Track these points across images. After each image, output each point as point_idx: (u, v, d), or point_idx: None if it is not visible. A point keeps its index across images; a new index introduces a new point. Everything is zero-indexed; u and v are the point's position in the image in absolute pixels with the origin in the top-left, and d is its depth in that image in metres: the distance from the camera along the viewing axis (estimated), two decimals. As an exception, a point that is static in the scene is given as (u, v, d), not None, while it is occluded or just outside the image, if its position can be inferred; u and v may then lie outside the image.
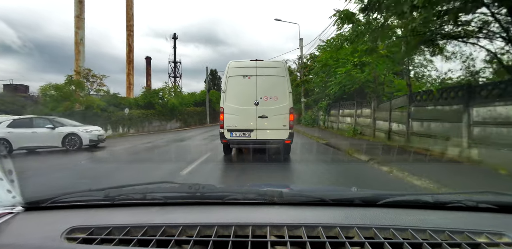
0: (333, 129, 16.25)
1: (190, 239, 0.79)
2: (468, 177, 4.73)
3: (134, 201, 1.06)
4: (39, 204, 1.04)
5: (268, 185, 1.43)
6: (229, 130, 6.24)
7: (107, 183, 4.42)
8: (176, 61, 46.29)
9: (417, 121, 8.03)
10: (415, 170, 4.82)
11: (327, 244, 0.76)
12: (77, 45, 21.15)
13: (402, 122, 8.76)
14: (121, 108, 18.02)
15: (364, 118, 12.06)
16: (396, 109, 9.27)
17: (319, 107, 18.81)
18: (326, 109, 17.56)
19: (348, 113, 14.08)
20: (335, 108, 16.06)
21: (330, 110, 17.11)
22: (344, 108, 14.68)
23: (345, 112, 14.47)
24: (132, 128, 18.66)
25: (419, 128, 7.90)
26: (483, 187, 3.21)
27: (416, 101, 8.16)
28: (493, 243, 0.78)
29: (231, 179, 4.97)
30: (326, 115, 17.98)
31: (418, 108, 8.02)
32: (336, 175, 5.06)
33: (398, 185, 4.36)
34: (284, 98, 6.13)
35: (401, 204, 1.05)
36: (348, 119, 14.05)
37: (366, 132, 11.65)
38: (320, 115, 19.48)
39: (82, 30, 21.38)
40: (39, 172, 5.71)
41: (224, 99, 6.24)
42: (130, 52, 28.26)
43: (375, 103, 10.92)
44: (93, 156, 8.55)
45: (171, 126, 22.05)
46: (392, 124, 9.47)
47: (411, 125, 8.23)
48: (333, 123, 16.65)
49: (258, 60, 6.24)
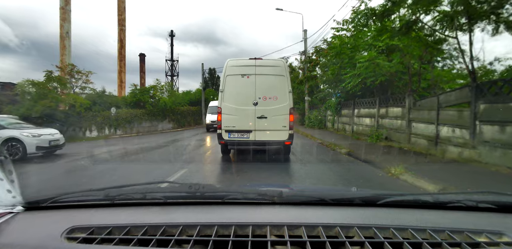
0: (345, 131, 13.65)
1: (190, 238, 0.79)
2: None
3: (134, 201, 1.06)
4: (39, 204, 1.04)
5: (268, 185, 1.55)
6: (227, 131, 5.98)
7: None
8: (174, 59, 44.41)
9: (490, 124, 5.44)
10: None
11: (327, 243, 0.76)
12: (62, 39, 19.31)
13: (461, 126, 6.17)
14: (108, 108, 16.18)
15: (392, 120, 9.43)
16: (448, 108, 6.69)
17: (327, 106, 16.06)
18: (336, 108, 14.84)
19: (366, 113, 11.49)
20: (348, 107, 13.53)
21: (341, 110, 14.51)
22: (360, 107, 12.04)
23: (363, 112, 11.83)
24: (120, 129, 16.65)
25: (495, 134, 5.32)
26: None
27: (488, 95, 5.58)
28: (493, 242, 0.78)
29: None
30: (335, 115, 15.25)
31: (492, 105, 5.45)
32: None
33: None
34: (284, 98, 5.88)
35: (401, 204, 1.05)
36: (366, 120, 11.44)
37: (395, 138, 9.08)
38: (328, 116, 16.80)
39: (68, 23, 19.53)
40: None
41: (222, 98, 5.96)
42: (122, 48, 26.15)
43: (410, 99, 8.32)
44: (26, 171, 6.01)
45: (163, 126, 19.74)
46: (441, 127, 6.87)
47: (480, 130, 5.64)
48: (345, 124, 13.97)
49: (257, 58, 6.00)
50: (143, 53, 36.74)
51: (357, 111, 12.39)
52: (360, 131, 11.91)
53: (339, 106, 14.61)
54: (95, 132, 15.15)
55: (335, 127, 15.53)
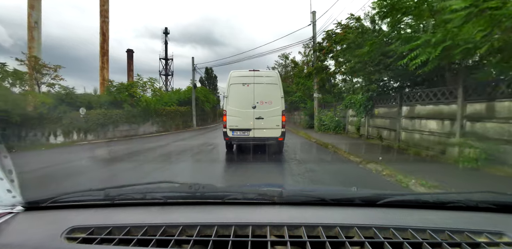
0: (382, 139, 9.15)
1: (190, 238, 0.79)
2: None
3: (134, 201, 1.06)
4: (39, 204, 1.04)
5: (268, 185, 1.50)
6: (231, 129, 6.99)
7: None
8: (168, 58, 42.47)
9: None
10: None
11: (327, 243, 0.76)
12: (30, 29, 17.10)
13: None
14: (78, 108, 13.80)
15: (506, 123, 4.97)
16: None
17: (348, 104, 11.98)
18: (365, 106, 10.47)
19: (431, 112, 6.98)
20: (387, 104, 9.15)
21: (373, 108, 10.18)
22: (416, 103, 7.51)
23: (422, 110, 7.31)
24: (91, 133, 14.18)
25: None
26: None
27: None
28: (493, 242, 0.79)
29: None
30: (364, 115, 10.72)
31: None
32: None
33: None
34: (277, 103, 6.95)
35: (401, 204, 1.05)
36: (431, 124, 6.91)
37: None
38: (349, 116, 12.56)
39: (38, 11, 17.14)
40: None
41: (226, 103, 7.05)
42: (105, 42, 23.82)
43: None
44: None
45: (145, 130, 17.38)
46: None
47: None
48: (381, 129, 9.48)
49: (255, 70, 7.09)
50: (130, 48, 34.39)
51: (407, 109, 7.97)
52: (416, 140, 7.42)
53: (369, 103, 10.30)
54: (61, 138, 12.95)
55: (362, 132, 11.15)
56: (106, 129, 14.82)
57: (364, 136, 10.84)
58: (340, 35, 11.04)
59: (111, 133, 15.03)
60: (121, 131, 15.52)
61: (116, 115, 15.07)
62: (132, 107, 16.08)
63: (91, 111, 14.33)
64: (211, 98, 28.89)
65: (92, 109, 14.58)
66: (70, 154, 8.52)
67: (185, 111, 21.44)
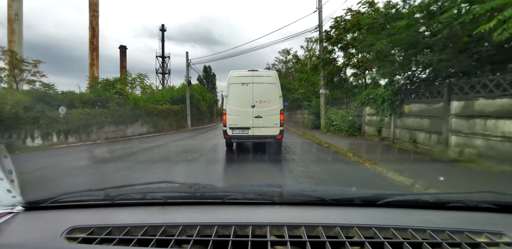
0: (417, 145, 7.16)
1: (190, 238, 0.79)
2: None
3: (134, 201, 1.06)
4: (39, 204, 1.04)
5: (268, 185, 1.48)
6: (231, 128, 7.13)
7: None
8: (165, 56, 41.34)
9: None
10: None
11: (327, 243, 0.76)
12: (10, 22, 15.99)
13: None
14: (58, 107, 12.60)
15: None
16: None
17: (365, 101, 10.00)
18: (390, 102, 8.35)
19: (507, 107, 4.77)
20: (424, 99, 7.10)
21: (402, 104, 8.04)
22: (478, 95, 5.37)
23: (489, 107, 5.12)
24: (72, 135, 12.91)
25: None
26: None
27: None
28: (493, 242, 0.78)
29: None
30: (389, 114, 8.59)
31: None
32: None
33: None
34: (275, 102, 7.09)
35: (401, 204, 1.04)
36: (508, 125, 4.73)
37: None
38: (366, 115, 10.55)
39: (19, 2, 15.92)
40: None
41: (226, 102, 7.20)
42: (94, 38, 22.58)
43: None
44: None
45: (134, 131, 16.05)
46: None
47: None
48: (416, 132, 7.34)
49: (254, 70, 7.22)
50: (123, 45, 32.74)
51: (461, 104, 5.82)
52: (479, 148, 5.22)
53: (397, 97, 8.09)
54: (39, 140, 11.71)
55: (385, 134, 9.02)
56: (90, 131, 13.53)
57: (389, 139, 8.70)
58: (353, 20, 9.78)
59: (95, 135, 13.74)
60: (106, 133, 14.25)
61: (100, 115, 13.75)
62: (119, 106, 14.79)
63: (73, 110, 13.09)
64: (208, 96, 27.29)
65: (74, 108, 13.36)
66: (42, 159, 7.51)
67: (179, 110, 19.96)
